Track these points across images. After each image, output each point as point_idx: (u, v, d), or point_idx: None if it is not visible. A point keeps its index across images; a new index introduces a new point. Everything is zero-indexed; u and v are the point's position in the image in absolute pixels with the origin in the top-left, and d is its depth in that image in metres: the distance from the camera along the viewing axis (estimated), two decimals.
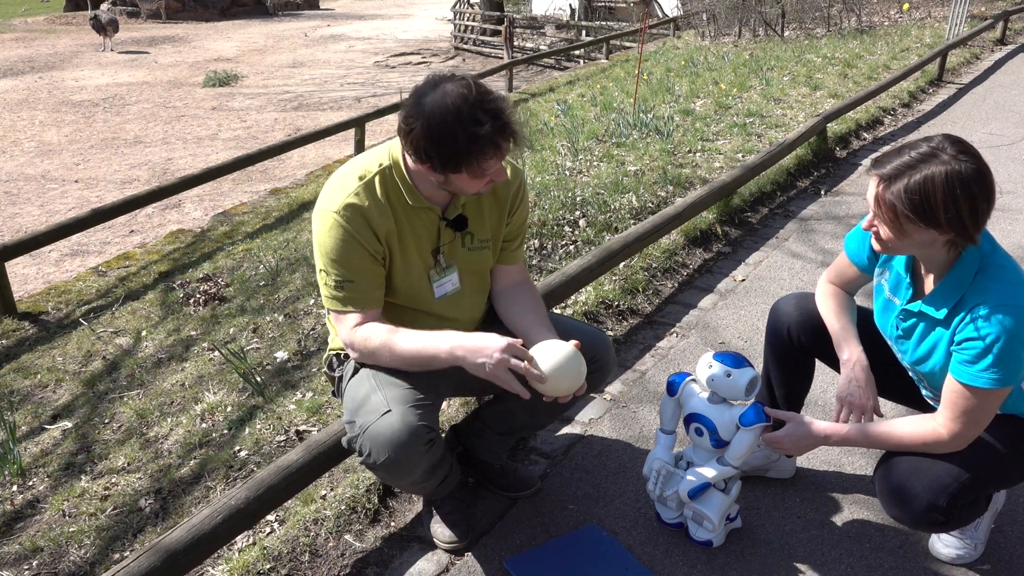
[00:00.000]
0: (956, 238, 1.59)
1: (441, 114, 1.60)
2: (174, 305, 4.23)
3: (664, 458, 2.00)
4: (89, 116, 13.69)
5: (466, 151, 1.62)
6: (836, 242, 4.06)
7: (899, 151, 1.61)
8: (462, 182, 1.71)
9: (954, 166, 1.53)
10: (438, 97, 1.62)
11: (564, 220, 4.17)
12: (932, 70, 8.01)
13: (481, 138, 1.60)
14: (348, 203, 1.74)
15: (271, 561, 2.06)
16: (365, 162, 1.81)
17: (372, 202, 1.76)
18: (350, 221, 1.73)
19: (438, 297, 1.91)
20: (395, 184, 1.79)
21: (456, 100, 1.60)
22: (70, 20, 28.50)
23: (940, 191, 1.53)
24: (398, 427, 1.69)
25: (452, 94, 1.61)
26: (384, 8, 35.12)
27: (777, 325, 2.10)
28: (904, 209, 1.56)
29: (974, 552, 1.96)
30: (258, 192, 7.90)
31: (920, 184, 1.54)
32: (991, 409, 1.66)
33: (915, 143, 1.61)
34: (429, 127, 1.61)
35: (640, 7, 16.03)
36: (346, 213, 1.73)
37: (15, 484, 2.72)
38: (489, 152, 1.63)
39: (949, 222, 1.55)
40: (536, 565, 1.97)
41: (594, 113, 7.02)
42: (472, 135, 1.60)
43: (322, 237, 1.76)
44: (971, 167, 1.54)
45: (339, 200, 1.75)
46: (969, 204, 1.54)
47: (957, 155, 1.54)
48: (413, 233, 1.83)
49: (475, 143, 1.61)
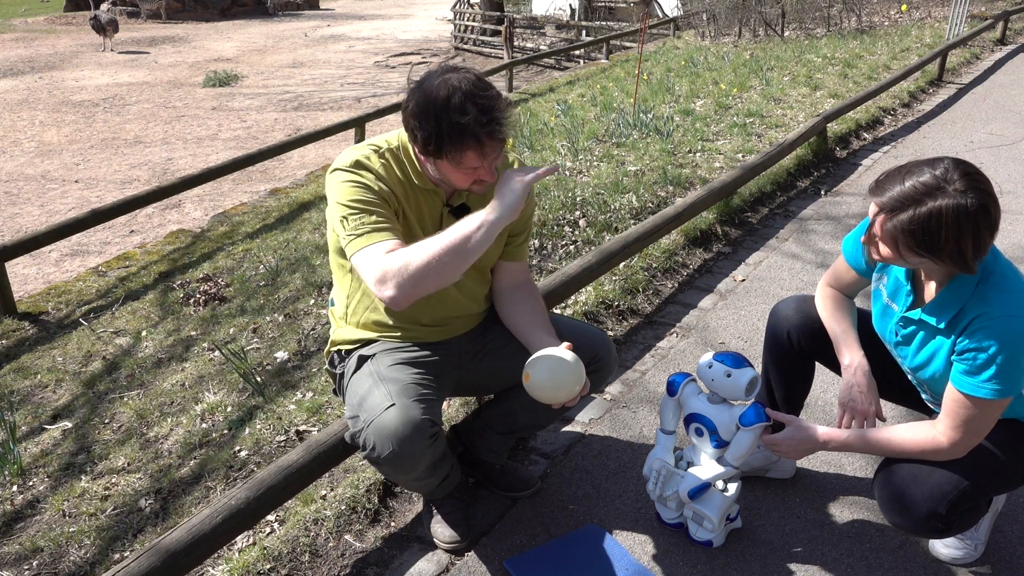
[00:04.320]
0: (955, 268, 1.57)
1: (432, 97, 1.64)
2: (174, 305, 4.23)
3: (664, 458, 1.99)
4: (89, 116, 13.68)
5: (447, 138, 1.63)
6: (836, 242, 4.06)
7: (902, 176, 1.54)
8: (446, 170, 1.73)
9: (961, 201, 1.47)
10: (437, 82, 1.65)
11: (564, 220, 4.17)
12: (932, 70, 8.01)
13: (462, 128, 1.62)
14: (359, 160, 1.77)
15: (271, 561, 2.06)
16: (375, 139, 1.85)
17: (382, 167, 1.79)
18: (363, 174, 1.76)
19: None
20: (403, 162, 1.82)
21: (451, 88, 1.63)
22: (70, 20, 28.50)
23: (945, 228, 1.48)
24: (401, 421, 1.69)
25: (451, 81, 1.64)
26: (384, 8, 35.12)
27: (777, 328, 2.09)
28: (906, 242, 1.53)
29: (974, 553, 1.96)
30: (258, 192, 7.90)
31: (925, 219, 1.49)
32: (992, 419, 1.66)
33: (920, 167, 1.54)
34: (418, 106, 1.65)
35: (640, 7, 16.03)
36: (359, 167, 1.77)
37: (15, 484, 2.72)
38: (469, 144, 1.64)
39: (951, 255, 1.52)
40: (536, 565, 1.97)
41: (594, 113, 7.02)
42: (454, 123, 1.62)
43: (337, 189, 1.76)
44: (978, 203, 1.47)
45: (350, 159, 1.78)
46: (973, 239, 1.50)
47: (966, 190, 1.48)
48: (417, 212, 1.85)
49: (455, 131, 1.62)
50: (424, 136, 1.66)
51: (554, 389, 1.70)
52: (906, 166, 1.58)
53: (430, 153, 1.69)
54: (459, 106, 1.61)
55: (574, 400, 1.76)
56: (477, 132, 1.62)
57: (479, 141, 1.64)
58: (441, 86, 1.64)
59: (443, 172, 1.75)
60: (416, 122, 1.67)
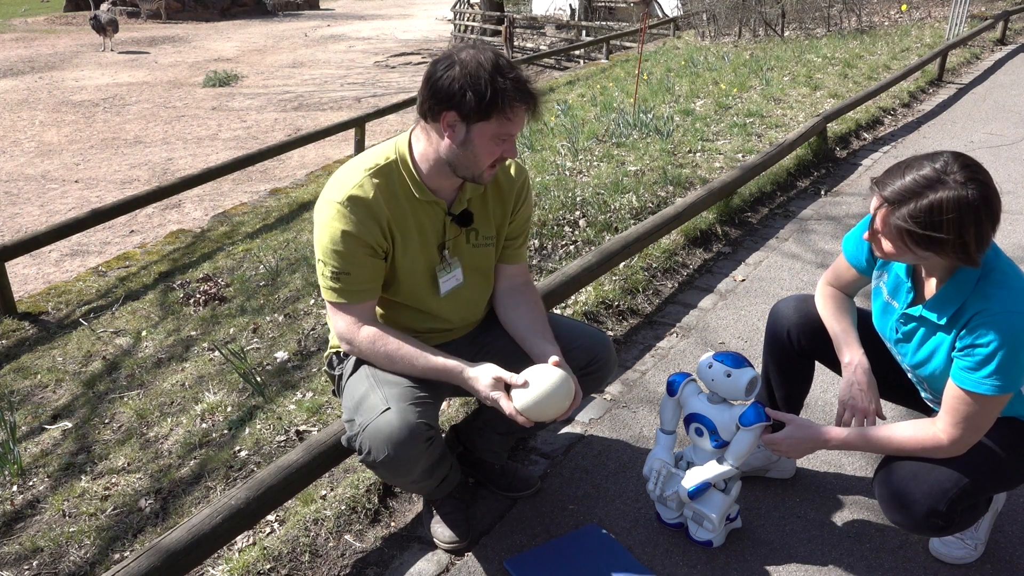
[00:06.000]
0: (958, 261, 1.57)
1: (476, 61, 1.66)
2: (174, 305, 4.23)
3: (664, 458, 1.99)
4: (89, 116, 13.68)
5: (502, 91, 1.64)
6: (836, 242, 4.06)
7: (903, 170, 1.55)
8: (483, 141, 1.70)
9: (962, 192, 1.48)
10: (472, 51, 1.68)
11: (564, 220, 4.17)
12: (932, 70, 8.01)
13: (513, 82, 1.66)
14: (352, 194, 1.74)
15: (271, 561, 2.06)
16: (371, 156, 1.82)
17: (377, 193, 1.75)
18: (354, 212, 1.73)
19: (443, 293, 1.91)
20: (401, 177, 1.80)
21: (490, 54, 1.68)
22: (70, 20, 28.49)
23: (947, 219, 1.49)
24: (397, 425, 1.69)
25: (486, 50, 1.70)
26: (384, 8, 35.11)
27: (777, 328, 2.09)
28: (909, 235, 1.53)
29: (974, 552, 1.96)
30: (258, 192, 7.90)
31: (927, 211, 1.50)
32: (992, 415, 1.66)
33: (920, 161, 1.55)
34: (464, 68, 1.65)
35: (640, 7, 16.02)
36: (350, 204, 1.73)
37: (15, 484, 2.72)
38: (519, 98, 1.67)
39: (953, 247, 1.52)
40: (536, 565, 1.97)
41: (594, 113, 7.02)
42: (510, 79, 1.66)
43: (323, 227, 1.76)
44: (978, 193, 1.49)
45: (343, 191, 1.74)
46: (975, 230, 1.50)
47: (966, 181, 1.49)
48: (419, 227, 1.83)
49: (508, 87, 1.65)
50: (477, 95, 1.63)
51: (540, 412, 1.71)
52: (906, 161, 1.59)
53: (480, 117, 1.66)
54: (508, 66, 1.67)
55: (565, 414, 1.77)
56: (525, 87, 1.67)
57: (534, 98, 1.69)
58: (483, 51, 1.68)
59: (476, 144, 1.70)
60: (467, 81, 1.64)
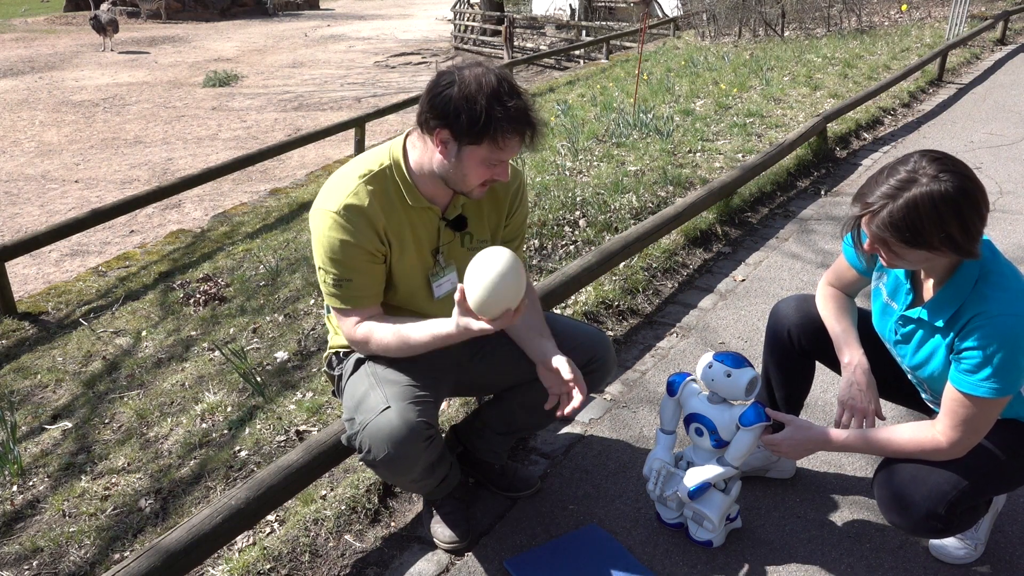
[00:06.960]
0: (953, 255, 1.57)
1: (478, 82, 1.64)
2: (174, 305, 4.23)
3: (664, 458, 2.00)
4: (89, 116, 13.68)
5: (496, 119, 1.62)
6: (836, 242, 4.06)
7: (877, 179, 1.57)
8: (472, 162, 1.69)
9: (935, 187, 1.49)
10: (477, 71, 1.66)
11: (564, 220, 4.17)
12: (932, 70, 8.01)
13: (510, 110, 1.63)
14: (347, 203, 1.74)
15: (271, 561, 2.06)
16: (365, 162, 1.81)
17: (372, 200, 1.75)
18: (350, 221, 1.73)
19: (437, 296, 1.91)
20: (395, 183, 1.79)
21: (493, 78, 1.66)
22: (70, 20, 28.49)
23: (925, 215, 1.50)
24: (397, 423, 1.69)
25: (491, 72, 1.67)
26: (384, 8, 35.12)
27: (777, 328, 2.09)
28: (893, 238, 1.54)
29: (974, 552, 1.96)
30: (258, 192, 7.90)
31: (903, 212, 1.51)
32: (991, 418, 1.66)
33: (893, 168, 1.57)
34: (463, 89, 1.63)
35: (640, 7, 16.02)
36: (345, 213, 1.73)
37: (15, 484, 2.72)
38: (512, 129, 1.65)
39: (942, 242, 1.52)
40: (536, 565, 1.97)
41: (594, 113, 7.02)
42: (508, 107, 1.63)
43: (321, 237, 1.76)
44: (952, 184, 1.49)
45: (338, 200, 1.74)
46: (958, 222, 1.50)
47: (937, 175, 1.50)
48: (413, 233, 1.83)
49: (504, 115, 1.63)
50: (470, 118, 1.62)
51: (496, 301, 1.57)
52: (882, 169, 1.61)
53: (470, 140, 1.65)
54: (507, 91, 1.64)
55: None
56: (520, 117, 1.65)
57: (521, 127, 1.66)
58: (488, 73, 1.65)
59: (466, 165, 1.70)
60: (459, 103, 1.62)
